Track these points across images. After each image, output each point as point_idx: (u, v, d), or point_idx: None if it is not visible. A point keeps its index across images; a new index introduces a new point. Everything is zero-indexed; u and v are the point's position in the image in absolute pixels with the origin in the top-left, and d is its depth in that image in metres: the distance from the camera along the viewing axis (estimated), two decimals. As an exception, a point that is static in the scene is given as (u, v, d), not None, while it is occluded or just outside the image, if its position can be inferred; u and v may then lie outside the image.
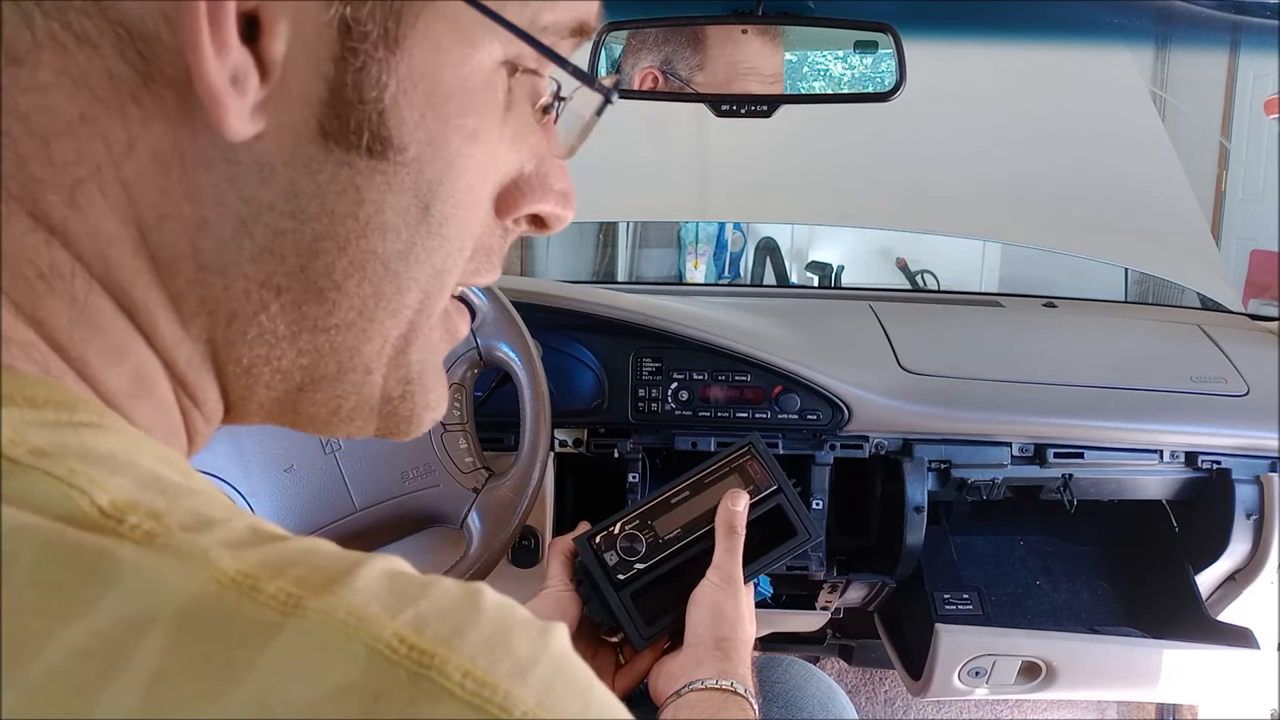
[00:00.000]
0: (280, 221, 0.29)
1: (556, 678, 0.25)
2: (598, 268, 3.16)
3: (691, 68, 1.14)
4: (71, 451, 0.25)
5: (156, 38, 0.26)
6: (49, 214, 0.27)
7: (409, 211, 0.31)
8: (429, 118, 0.30)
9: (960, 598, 1.15)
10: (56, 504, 0.23)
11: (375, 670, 0.22)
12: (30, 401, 0.25)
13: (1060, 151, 1.68)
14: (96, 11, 0.26)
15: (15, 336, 0.27)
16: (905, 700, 1.81)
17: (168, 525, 0.24)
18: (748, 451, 0.79)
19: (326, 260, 0.30)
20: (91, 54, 0.26)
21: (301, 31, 0.27)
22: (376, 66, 0.28)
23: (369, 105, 0.29)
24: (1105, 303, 1.57)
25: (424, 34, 0.29)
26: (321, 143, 0.29)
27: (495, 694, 0.23)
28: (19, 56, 0.26)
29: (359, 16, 0.27)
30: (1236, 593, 1.16)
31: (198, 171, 0.28)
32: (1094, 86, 1.66)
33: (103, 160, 0.27)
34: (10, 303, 0.26)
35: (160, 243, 0.28)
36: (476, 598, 0.25)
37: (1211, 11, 1.41)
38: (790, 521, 0.77)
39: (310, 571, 0.24)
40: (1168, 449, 1.10)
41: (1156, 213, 1.68)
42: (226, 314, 0.30)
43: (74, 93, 0.26)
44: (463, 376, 0.87)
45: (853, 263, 3.17)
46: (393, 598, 0.24)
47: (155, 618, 0.22)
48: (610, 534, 0.74)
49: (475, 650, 0.23)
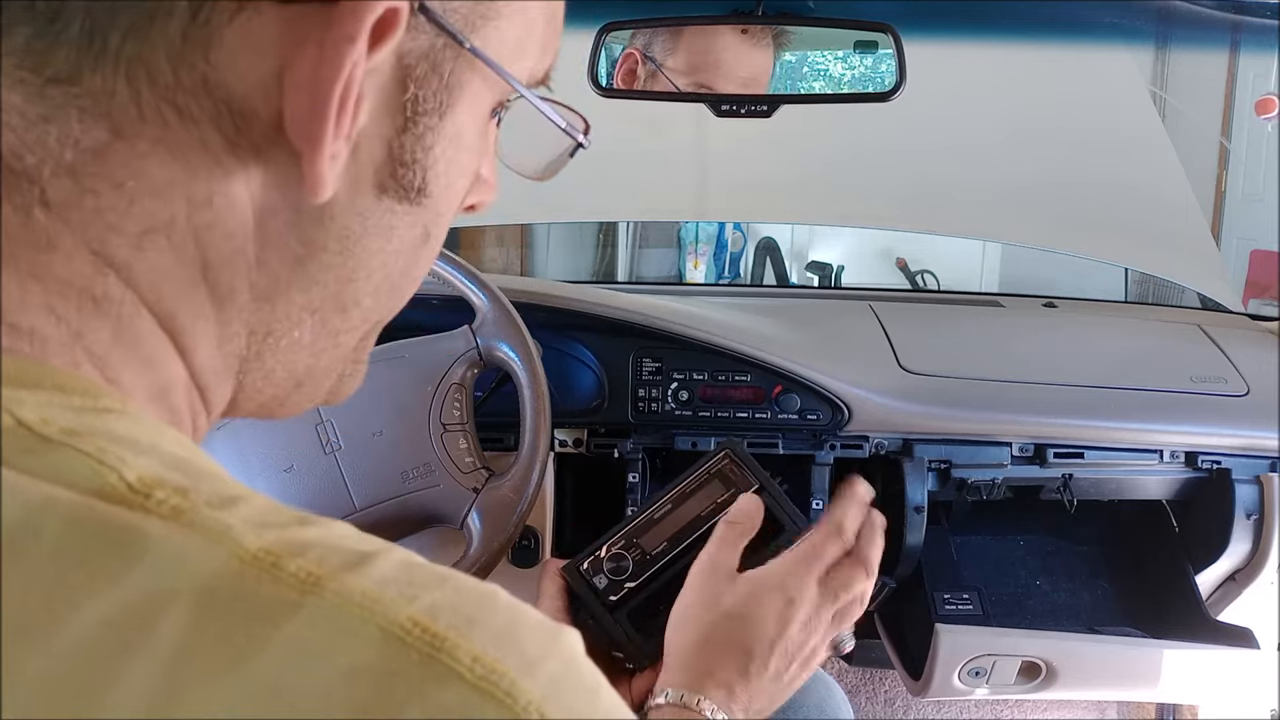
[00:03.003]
0: (329, 259, 0.33)
1: (564, 676, 0.25)
2: (598, 268, 3.15)
3: (665, 52, 1.14)
4: (99, 432, 0.26)
5: (254, 114, 0.29)
6: (113, 255, 0.29)
7: (416, 239, 0.36)
8: (452, 166, 0.35)
9: (960, 598, 1.15)
10: (86, 479, 0.24)
11: (389, 651, 0.23)
12: (58, 388, 0.27)
13: (1060, 151, 1.68)
14: (203, 92, 0.28)
15: (52, 338, 0.28)
16: (905, 700, 1.81)
17: (194, 501, 0.25)
18: (725, 456, 0.78)
19: (356, 286, 0.35)
20: (191, 128, 0.28)
21: (378, 107, 0.31)
22: (430, 134, 0.33)
23: (419, 164, 0.33)
24: (1105, 303, 1.57)
25: (465, 101, 0.33)
26: (375, 195, 0.33)
27: (503, 680, 0.23)
28: (124, 131, 0.28)
29: (425, 95, 0.32)
30: (1236, 593, 1.16)
31: (264, 219, 0.31)
32: (1094, 86, 1.66)
33: (178, 214, 0.29)
34: (54, 315, 0.28)
35: (218, 279, 0.31)
36: (492, 595, 0.26)
37: (1211, 11, 1.41)
38: (777, 519, 0.77)
39: (330, 553, 0.25)
40: (1168, 449, 1.10)
41: (1156, 213, 1.68)
42: (264, 332, 0.33)
43: (168, 161, 0.28)
44: (463, 376, 0.87)
45: (853, 263, 3.17)
46: (410, 585, 0.25)
47: (179, 592, 0.23)
48: (597, 558, 0.74)
49: (486, 640, 0.24)
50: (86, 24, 0.27)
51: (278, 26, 0.28)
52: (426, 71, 0.31)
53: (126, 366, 0.29)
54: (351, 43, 0.28)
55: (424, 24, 0.30)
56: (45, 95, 0.27)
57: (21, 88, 0.27)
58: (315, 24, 0.28)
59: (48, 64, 0.27)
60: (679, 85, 1.13)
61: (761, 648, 0.60)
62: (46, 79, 0.27)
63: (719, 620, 0.61)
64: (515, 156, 0.43)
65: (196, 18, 0.27)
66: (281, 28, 0.28)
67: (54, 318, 0.28)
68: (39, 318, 0.27)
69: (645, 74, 1.15)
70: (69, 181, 0.27)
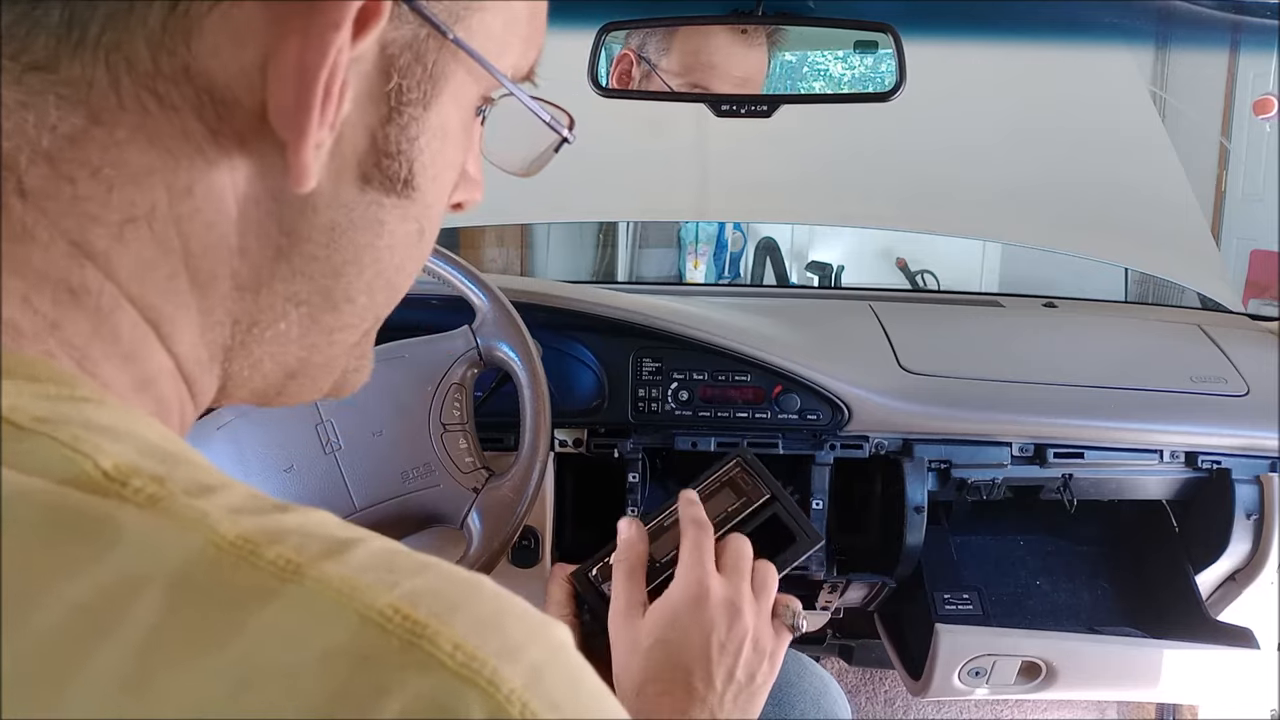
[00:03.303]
0: (314, 250, 0.33)
1: (548, 664, 0.25)
2: (598, 268, 3.15)
3: (660, 52, 1.14)
4: (74, 420, 0.25)
5: (237, 102, 0.29)
6: (92, 244, 0.28)
7: (410, 235, 0.36)
8: (438, 159, 0.34)
9: (960, 598, 1.15)
10: (61, 468, 0.24)
11: (366, 636, 0.23)
12: (32, 377, 0.26)
13: (1060, 151, 1.68)
14: (185, 80, 0.28)
15: (27, 330, 0.27)
16: (905, 700, 1.81)
17: (170, 489, 0.25)
18: (736, 465, 0.78)
19: (346, 281, 0.34)
20: (171, 115, 0.28)
21: (361, 96, 0.31)
22: (414, 124, 0.33)
23: (404, 155, 0.33)
24: (1105, 303, 1.57)
25: (449, 93, 0.33)
26: (359, 186, 0.33)
27: (484, 668, 0.23)
28: (102, 118, 0.28)
29: (409, 85, 0.32)
30: (1236, 593, 1.16)
31: (247, 208, 0.31)
32: (1094, 86, 1.66)
33: (159, 203, 0.29)
34: (30, 306, 0.28)
35: (199, 267, 0.31)
36: (475, 583, 0.26)
37: (1211, 11, 1.41)
38: (789, 528, 0.77)
39: (309, 540, 0.25)
40: (1168, 449, 1.10)
41: (1156, 213, 1.67)
42: (249, 322, 0.33)
43: (146, 148, 0.28)
44: (463, 376, 0.87)
45: (853, 263, 3.16)
46: (389, 573, 0.25)
47: (153, 578, 0.22)
48: (606, 565, 0.73)
49: (468, 627, 0.24)
50: (66, 12, 0.27)
51: (260, 15, 0.28)
52: (410, 62, 0.31)
53: (107, 359, 0.29)
54: (336, 30, 0.28)
55: (407, 14, 0.31)
56: (23, 82, 0.27)
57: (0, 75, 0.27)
58: (299, 12, 0.28)
59: (26, 50, 0.27)
60: (674, 85, 1.13)
61: (698, 659, 0.60)
62: (25, 65, 0.27)
63: (647, 657, 0.61)
64: (500, 153, 0.43)
65: (176, 7, 0.27)
66: (264, 16, 0.28)
67: (30, 309, 0.27)
68: (14, 309, 0.27)
69: (640, 74, 1.16)
70: (46, 168, 0.27)
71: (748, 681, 0.62)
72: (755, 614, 0.64)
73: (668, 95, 1.15)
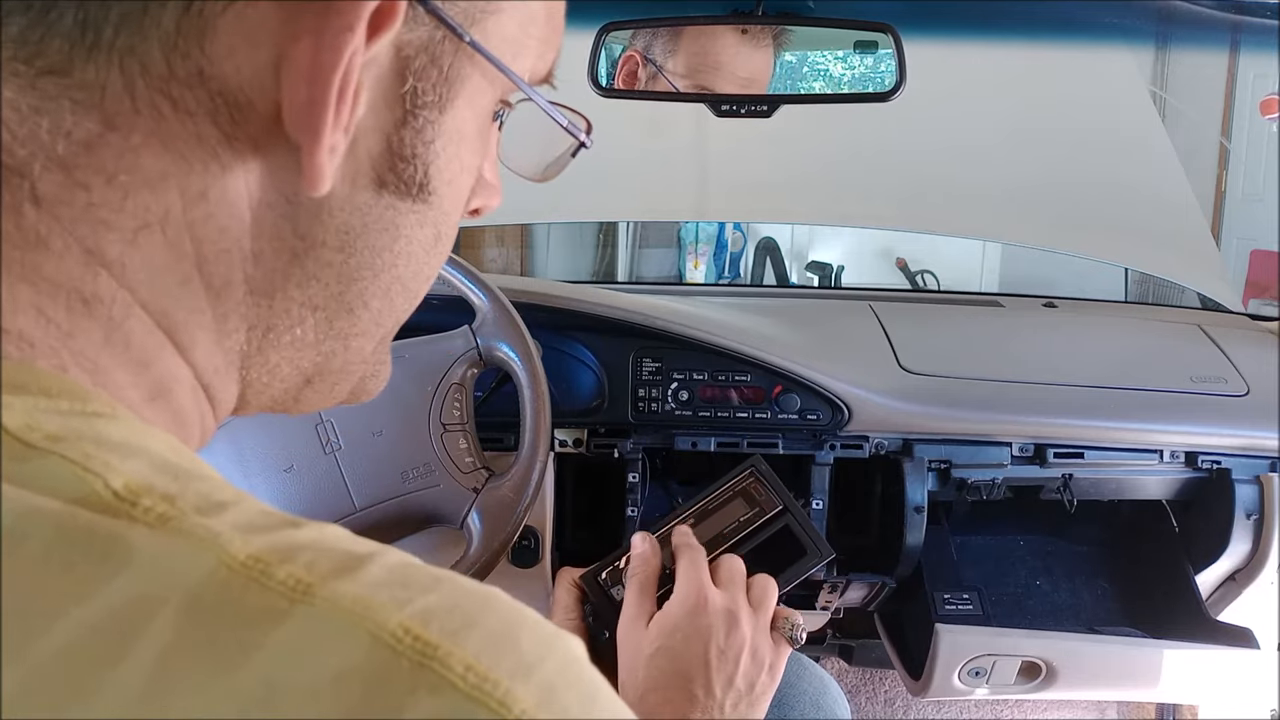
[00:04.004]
0: (329, 255, 0.33)
1: (560, 680, 0.25)
2: (598, 268, 3.15)
3: (666, 54, 1.14)
4: (86, 437, 0.25)
5: (251, 106, 0.28)
6: (105, 252, 0.28)
7: (426, 240, 0.35)
8: (454, 163, 0.34)
9: (960, 598, 1.15)
10: (71, 487, 0.24)
11: (378, 658, 0.23)
12: (45, 392, 0.26)
13: (1060, 151, 1.68)
14: (199, 83, 0.28)
15: (40, 341, 0.27)
16: (905, 700, 1.82)
17: (181, 509, 0.24)
18: (750, 475, 0.78)
19: (361, 285, 0.34)
20: (186, 119, 0.28)
21: (376, 99, 0.30)
22: (430, 128, 0.32)
23: (419, 159, 0.33)
24: (1105, 303, 1.57)
25: (465, 96, 0.33)
26: (374, 190, 0.32)
27: (496, 689, 0.23)
28: (116, 123, 0.27)
29: (424, 88, 0.31)
30: (1236, 593, 1.16)
31: (261, 212, 0.30)
32: (1094, 86, 1.66)
33: (173, 208, 0.29)
34: (43, 316, 0.27)
35: (213, 273, 0.30)
36: (488, 598, 0.25)
37: (1211, 11, 1.41)
38: (799, 541, 0.77)
39: (321, 557, 0.24)
40: (1168, 449, 1.10)
41: (1156, 213, 1.67)
42: (264, 328, 0.33)
43: (160, 153, 0.28)
44: (463, 376, 0.87)
45: (853, 263, 3.16)
46: (402, 589, 0.24)
47: (165, 599, 0.22)
48: (615, 569, 0.74)
49: (480, 646, 0.24)
50: (80, 15, 0.26)
51: (274, 16, 0.27)
52: (425, 64, 0.31)
53: (119, 367, 0.29)
54: (350, 32, 0.27)
55: (423, 16, 0.30)
56: (37, 87, 0.27)
57: (15, 80, 0.27)
58: (313, 13, 0.27)
59: (40, 55, 0.26)
60: (680, 86, 1.13)
61: (698, 666, 0.61)
62: (39, 70, 0.27)
63: (649, 664, 0.63)
64: (516, 158, 0.43)
65: (190, 7, 0.27)
66: (278, 17, 0.28)
67: (43, 319, 0.27)
68: (27, 320, 0.27)
69: (646, 76, 1.16)
70: (60, 175, 0.27)
71: (747, 690, 0.63)
72: (753, 625, 0.65)
73: (668, 95, 1.15)
